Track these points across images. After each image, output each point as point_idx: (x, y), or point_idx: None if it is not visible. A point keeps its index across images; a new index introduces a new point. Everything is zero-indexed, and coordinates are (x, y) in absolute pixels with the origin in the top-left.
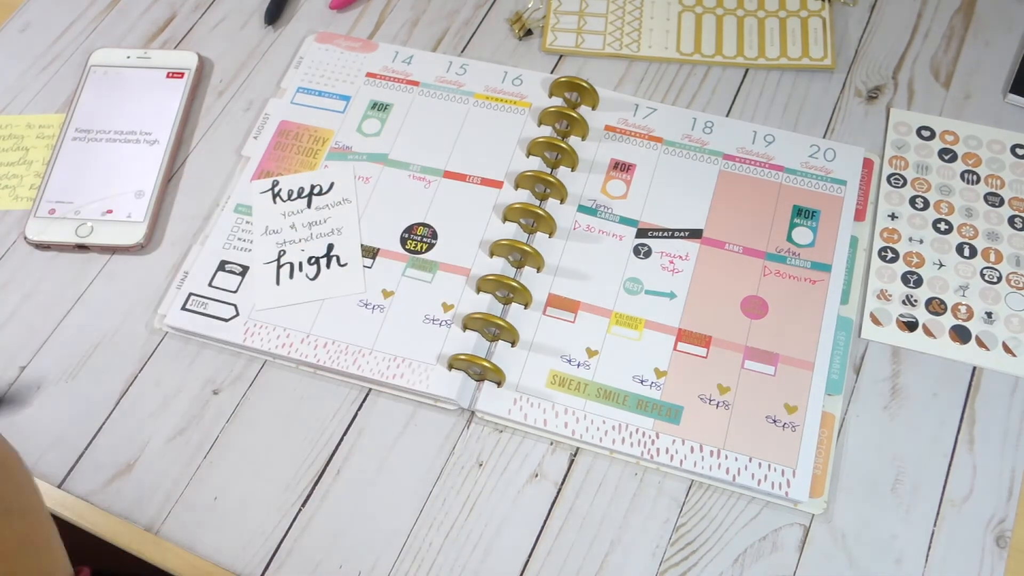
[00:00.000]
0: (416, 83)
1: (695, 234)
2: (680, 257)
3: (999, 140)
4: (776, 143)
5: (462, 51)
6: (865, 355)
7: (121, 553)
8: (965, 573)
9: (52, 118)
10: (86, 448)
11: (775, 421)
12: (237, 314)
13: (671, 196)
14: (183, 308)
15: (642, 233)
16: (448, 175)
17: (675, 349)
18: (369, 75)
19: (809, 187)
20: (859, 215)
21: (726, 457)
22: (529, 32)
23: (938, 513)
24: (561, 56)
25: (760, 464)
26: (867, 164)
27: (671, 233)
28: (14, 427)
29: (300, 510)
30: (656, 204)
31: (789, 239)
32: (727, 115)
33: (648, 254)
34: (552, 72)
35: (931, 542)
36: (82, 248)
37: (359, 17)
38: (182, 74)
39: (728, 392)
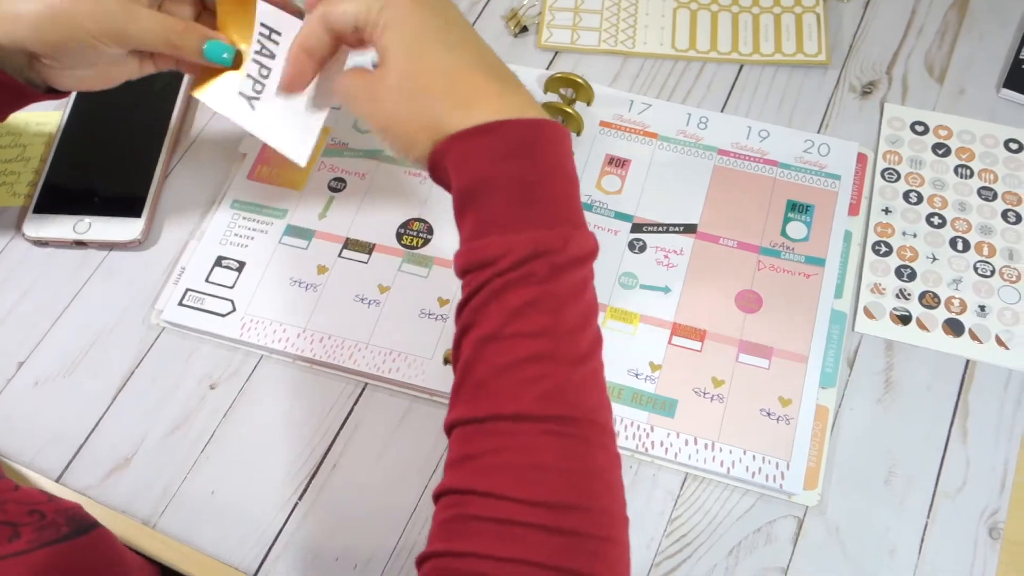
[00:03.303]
0: None
1: (689, 229)
2: (675, 252)
3: (992, 135)
4: (770, 138)
5: None
6: (859, 348)
7: None
8: (958, 564)
9: (49, 115)
10: (84, 443)
11: (769, 414)
12: (234, 309)
13: (666, 191)
14: (180, 303)
15: (637, 228)
16: None
17: (670, 343)
18: None
19: (803, 182)
20: (853, 209)
21: (720, 450)
22: (524, 29)
23: (931, 505)
24: (556, 52)
25: (754, 457)
26: (861, 159)
27: (666, 228)
28: (12, 422)
29: (296, 504)
30: (651, 199)
31: (783, 233)
32: (722, 111)
33: (643, 249)
34: (547, 68)
35: (924, 534)
36: (80, 244)
37: None
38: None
39: (723, 385)
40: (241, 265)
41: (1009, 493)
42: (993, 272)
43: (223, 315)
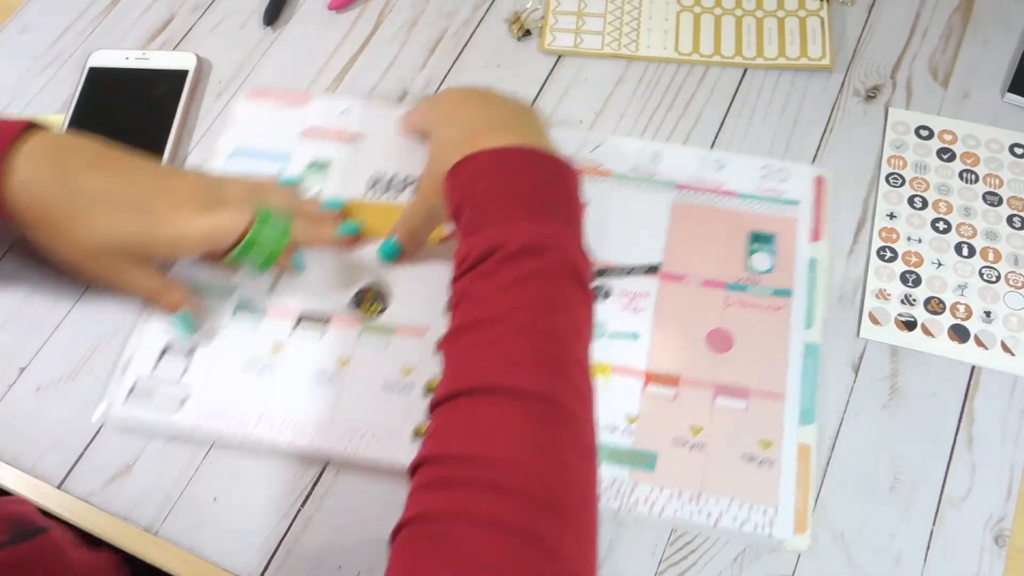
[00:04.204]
0: (352, 137)
1: (653, 269)
2: (641, 295)
3: (997, 139)
4: (727, 168)
5: (460, 52)
6: (864, 354)
7: (121, 554)
8: (964, 572)
9: (51, 119)
10: (85, 449)
11: (751, 459)
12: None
13: (626, 232)
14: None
15: (600, 273)
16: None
17: (644, 392)
18: (305, 133)
19: (762, 211)
20: (815, 235)
21: (706, 501)
22: (528, 32)
23: (937, 512)
24: (559, 57)
25: (741, 505)
26: (819, 182)
27: (629, 270)
28: (13, 427)
29: (300, 510)
30: (611, 241)
31: (748, 267)
32: (726, 115)
33: (607, 295)
34: (550, 73)
35: (930, 541)
36: None
37: (358, 18)
38: (181, 75)
39: (701, 432)
40: (191, 350)
41: (1015, 500)
42: (999, 278)
43: (175, 412)
